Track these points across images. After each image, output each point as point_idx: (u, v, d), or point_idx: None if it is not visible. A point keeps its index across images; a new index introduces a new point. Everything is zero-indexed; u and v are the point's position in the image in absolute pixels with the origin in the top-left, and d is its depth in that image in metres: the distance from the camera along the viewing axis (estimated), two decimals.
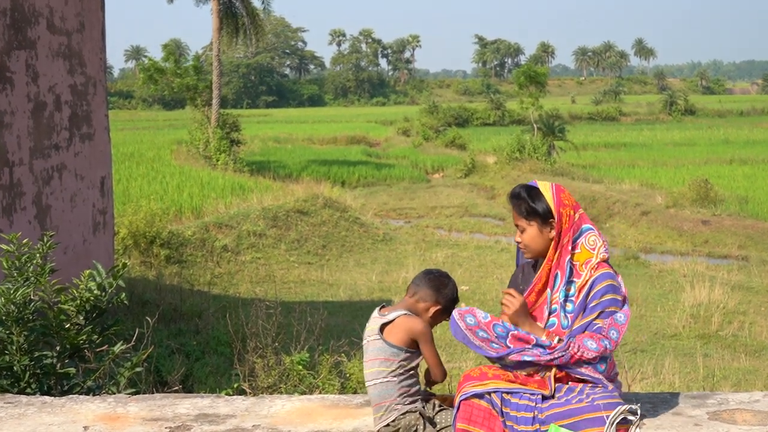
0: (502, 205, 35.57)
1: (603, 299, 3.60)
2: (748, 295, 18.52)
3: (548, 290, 3.72)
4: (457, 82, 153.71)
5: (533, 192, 3.73)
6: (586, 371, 3.54)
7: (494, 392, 3.50)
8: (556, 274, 3.70)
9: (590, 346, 3.52)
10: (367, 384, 3.79)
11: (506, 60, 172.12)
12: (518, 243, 3.81)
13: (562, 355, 3.52)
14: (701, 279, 18.81)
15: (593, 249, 3.70)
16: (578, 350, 3.52)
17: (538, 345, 3.54)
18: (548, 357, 3.53)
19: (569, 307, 3.67)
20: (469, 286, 18.90)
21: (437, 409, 3.72)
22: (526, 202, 3.72)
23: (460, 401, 3.53)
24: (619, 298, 3.63)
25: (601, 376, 3.55)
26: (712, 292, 17.56)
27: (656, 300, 18.15)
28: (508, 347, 3.54)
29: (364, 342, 3.84)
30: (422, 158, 51.05)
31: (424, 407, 3.73)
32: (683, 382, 11.69)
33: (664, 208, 29.71)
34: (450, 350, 12.99)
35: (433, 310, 3.82)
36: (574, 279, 3.69)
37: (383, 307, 3.89)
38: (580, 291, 3.65)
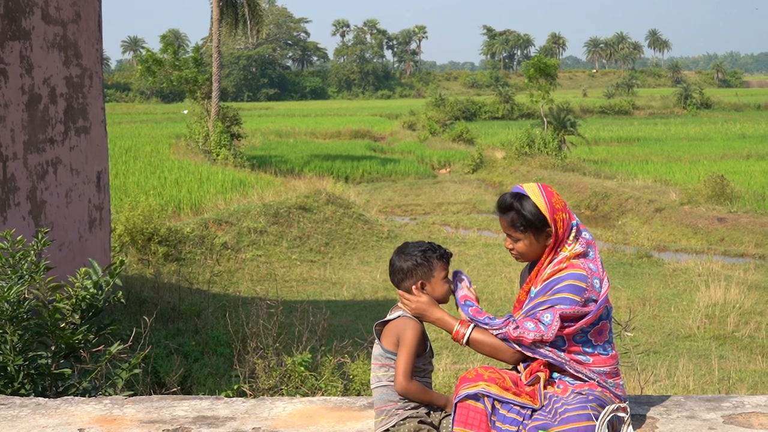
0: None
1: (556, 296, 3.59)
2: (766, 294, 18.48)
3: (533, 288, 3.74)
4: (464, 75, 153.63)
5: (524, 201, 3.68)
6: (550, 353, 3.59)
7: (486, 396, 3.51)
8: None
9: (529, 327, 3.57)
10: (371, 386, 3.80)
11: (515, 52, 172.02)
12: (510, 250, 3.80)
13: (499, 332, 3.61)
14: (717, 278, 18.79)
15: (569, 245, 3.71)
16: (515, 330, 3.57)
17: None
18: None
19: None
20: (476, 285, 18.89)
21: (444, 414, 3.72)
22: (520, 216, 3.69)
23: (456, 404, 3.54)
24: (578, 299, 3.58)
25: (553, 356, 3.58)
26: (728, 291, 17.54)
27: (670, 300, 18.13)
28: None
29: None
30: (428, 153, 51.03)
31: (429, 413, 3.72)
32: (698, 385, 11.68)
33: (678, 204, 29.65)
34: (457, 351, 13.00)
35: (417, 286, 3.77)
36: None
37: (397, 306, 3.90)
38: (543, 281, 3.68)
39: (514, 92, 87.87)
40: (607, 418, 3.39)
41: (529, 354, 3.60)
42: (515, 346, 3.59)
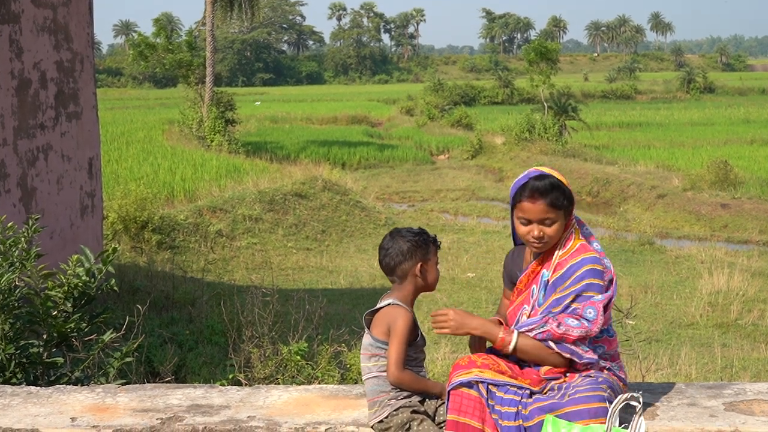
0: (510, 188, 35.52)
1: (582, 284, 3.60)
2: None
3: (542, 270, 3.75)
4: (463, 59, 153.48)
5: (557, 181, 3.70)
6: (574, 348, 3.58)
7: (481, 382, 3.52)
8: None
9: (572, 324, 3.55)
10: (363, 377, 3.80)
11: (515, 35, 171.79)
12: (538, 239, 3.69)
13: (541, 331, 3.57)
14: (720, 265, 18.82)
15: (573, 228, 3.74)
16: (559, 327, 3.55)
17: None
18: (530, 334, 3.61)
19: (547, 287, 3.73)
20: (475, 272, 18.92)
21: (439, 402, 3.72)
22: (562, 194, 3.67)
23: (449, 391, 3.54)
24: (602, 283, 3.61)
25: (591, 356, 3.59)
26: (731, 279, 17.57)
27: (672, 287, 18.16)
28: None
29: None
30: (427, 139, 51.00)
31: (423, 401, 3.73)
32: (700, 373, 11.71)
33: (681, 191, 29.69)
34: (455, 340, 13.02)
35: (417, 268, 3.78)
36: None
37: (387, 293, 3.89)
38: (555, 271, 3.68)
39: (513, 77, 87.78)
40: (620, 406, 3.40)
41: (567, 355, 3.58)
42: (552, 345, 3.59)
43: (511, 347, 3.60)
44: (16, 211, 10.04)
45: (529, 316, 3.72)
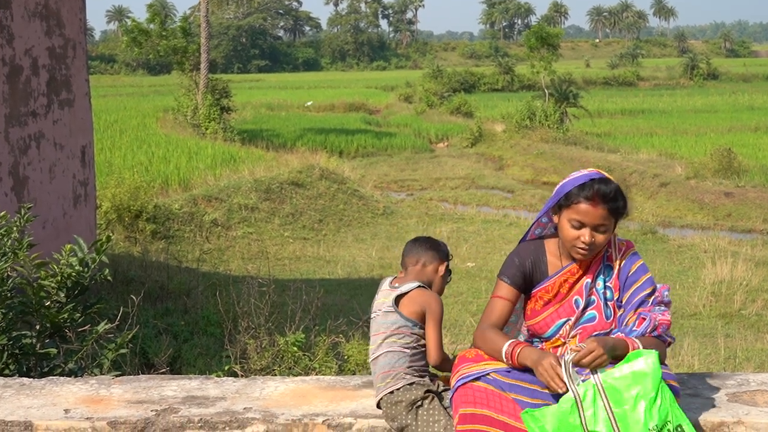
0: (511, 177, 35.58)
1: (642, 281, 3.67)
2: None
3: (585, 279, 3.71)
4: (463, 45, 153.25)
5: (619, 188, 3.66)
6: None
7: (488, 374, 3.51)
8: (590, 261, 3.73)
9: (659, 311, 3.61)
10: (372, 356, 3.84)
11: (516, 21, 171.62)
12: (588, 246, 3.58)
13: (650, 325, 3.56)
14: (723, 255, 18.82)
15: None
16: (657, 319, 3.58)
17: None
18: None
19: (609, 294, 3.69)
20: (475, 262, 18.94)
21: (442, 388, 3.80)
22: (624, 202, 3.64)
23: (458, 386, 3.52)
24: (651, 275, 3.72)
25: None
26: (735, 268, 17.57)
27: (675, 277, 18.18)
28: None
29: (373, 315, 3.91)
30: (425, 126, 50.95)
31: (434, 380, 3.84)
32: (703, 364, 11.73)
33: (684, 179, 29.68)
34: (455, 331, 13.05)
35: (442, 267, 4.02)
36: (609, 263, 3.75)
37: (395, 278, 4.01)
38: (617, 275, 3.69)
39: (514, 63, 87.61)
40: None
41: (670, 341, 3.64)
42: (666, 337, 3.61)
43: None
44: (8, 201, 10.03)
45: (571, 329, 3.66)
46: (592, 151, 37.64)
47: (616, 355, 3.39)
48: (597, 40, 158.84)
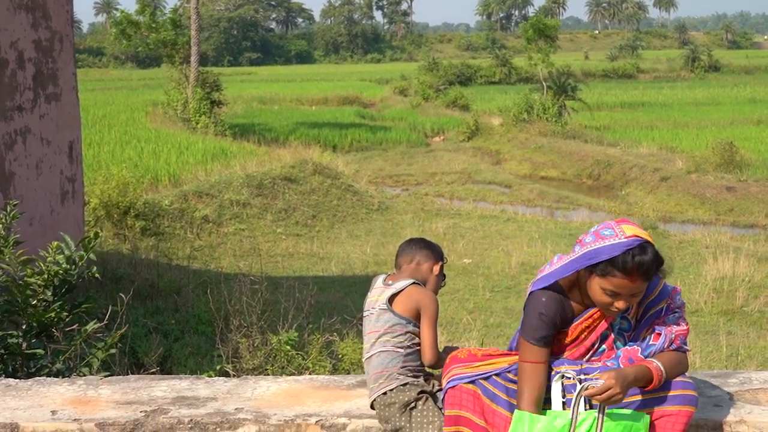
0: (508, 171, 35.60)
1: (656, 294, 3.59)
2: None
3: (603, 325, 3.60)
4: (459, 37, 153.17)
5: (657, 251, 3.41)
6: None
7: (481, 376, 3.53)
8: None
9: (678, 324, 3.57)
10: (366, 356, 3.84)
11: (513, 12, 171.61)
12: (617, 310, 3.43)
13: (670, 338, 3.53)
14: (725, 250, 18.84)
15: None
16: (674, 332, 3.55)
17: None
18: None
19: (625, 325, 3.58)
20: (472, 258, 18.93)
21: (436, 388, 3.81)
22: (660, 264, 3.42)
23: (448, 387, 3.56)
24: (665, 286, 3.62)
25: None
26: (737, 264, 17.58)
27: (676, 273, 18.17)
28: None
29: (366, 313, 3.92)
30: (421, 120, 50.93)
31: (428, 380, 3.86)
32: (705, 362, 11.75)
33: (685, 173, 29.70)
34: (451, 329, 13.05)
35: (437, 267, 4.03)
36: None
37: (389, 275, 4.02)
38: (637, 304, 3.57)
39: (511, 55, 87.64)
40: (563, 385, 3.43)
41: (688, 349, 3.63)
42: (685, 348, 3.59)
43: (664, 374, 3.41)
44: None
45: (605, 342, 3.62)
46: (591, 144, 37.66)
47: (640, 385, 3.37)
48: (596, 32, 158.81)
